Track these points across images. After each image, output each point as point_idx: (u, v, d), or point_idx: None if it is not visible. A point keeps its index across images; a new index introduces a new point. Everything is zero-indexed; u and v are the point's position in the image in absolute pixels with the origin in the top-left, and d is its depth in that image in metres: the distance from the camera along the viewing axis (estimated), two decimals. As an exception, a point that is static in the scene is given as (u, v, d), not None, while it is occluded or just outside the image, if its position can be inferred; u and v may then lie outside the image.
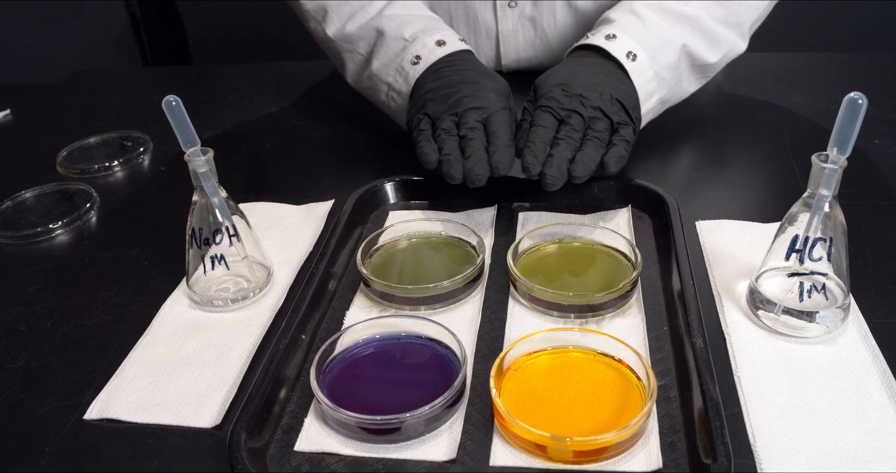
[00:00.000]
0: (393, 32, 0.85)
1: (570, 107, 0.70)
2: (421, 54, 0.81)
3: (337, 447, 0.50)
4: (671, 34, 0.81)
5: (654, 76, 0.79)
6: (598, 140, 0.69)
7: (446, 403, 0.50)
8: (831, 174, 0.52)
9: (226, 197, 0.63)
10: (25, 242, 0.76)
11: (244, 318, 0.63)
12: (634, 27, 0.80)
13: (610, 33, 0.79)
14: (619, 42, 0.78)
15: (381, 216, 0.76)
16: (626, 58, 0.77)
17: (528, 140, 0.68)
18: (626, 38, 0.78)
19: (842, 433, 0.49)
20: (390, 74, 0.84)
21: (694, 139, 0.90)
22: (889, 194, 0.74)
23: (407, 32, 0.84)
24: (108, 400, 0.55)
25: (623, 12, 0.82)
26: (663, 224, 0.69)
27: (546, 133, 0.69)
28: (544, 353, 0.55)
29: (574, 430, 0.48)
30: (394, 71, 0.83)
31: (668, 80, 0.81)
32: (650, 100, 0.79)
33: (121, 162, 0.91)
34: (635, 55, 0.77)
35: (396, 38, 0.85)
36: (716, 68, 0.88)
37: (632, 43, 0.78)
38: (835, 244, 0.55)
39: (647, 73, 0.78)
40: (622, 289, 0.60)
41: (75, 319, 0.64)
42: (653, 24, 0.81)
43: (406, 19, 0.87)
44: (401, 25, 0.86)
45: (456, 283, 0.61)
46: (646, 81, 0.78)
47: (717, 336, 0.58)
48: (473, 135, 0.70)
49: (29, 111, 1.12)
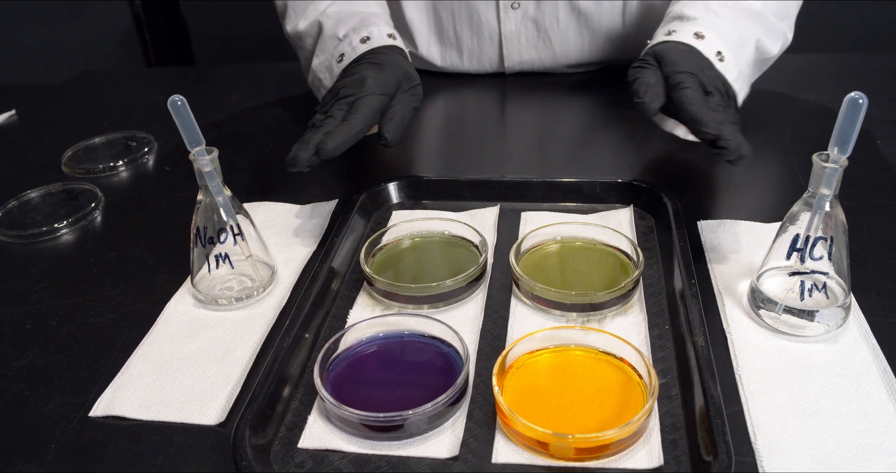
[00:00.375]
0: (329, 31, 0.88)
1: (711, 85, 0.72)
2: (345, 52, 0.83)
3: (340, 444, 0.50)
4: (746, 31, 0.81)
5: (739, 75, 0.79)
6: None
7: (449, 401, 0.50)
8: (832, 173, 0.52)
9: (230, 196, 0.63)
10: (31, 241, 0.77)
11: (248, 317, 0.63)
12: (717, 26, 0.79)
13: (698, 32, 0.77)
14: (708, 42, 0.77)
15: (385, 215, 0.76)
16: (715, 57, 0.76)
17: (711, 108, 0.68)
18: (713, 37, 0.77)
19: (842, 431, 0.49)
20: (323, 72, 0.87)
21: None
22: (891, 194, 0.75)
23: (341, 30, 0.86)
24: (113, 398, 0.55)
25: (699, 9, 0.81)
26: (665, 223, 0.69)
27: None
28: (546, 351, 0.55)
29: (576, 428, 0.49)
30: (325, 69, 0.86)
31: (748, 77, 0.82)
32: (739, 98, 0.79)
33: (125, 162, 0.91)
34: (723, 56, 0.77)
35: (332, 36, 0.87)
36: (772, 60, 0.89)
37: (719, 42, 0.77)
38: (835, 243, 0.55)
39: (733, 72, 0.77)
40: (624, 288, 0.60)
41: (80, 317, 0.65)
42: (728, 20, 0.80)
43: (344, 16, 0.88)
44: (337, 23, 0.88)
45: (458, 282, 0.62)
46: (734, 80, 0.77)
47: (719, 334, 0.58)
48: (325, 122, 0.73)
49: (34, 111, 1.13)
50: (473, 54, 1.06)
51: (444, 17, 1.04)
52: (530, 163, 0.88)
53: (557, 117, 1.00)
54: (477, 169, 0.86)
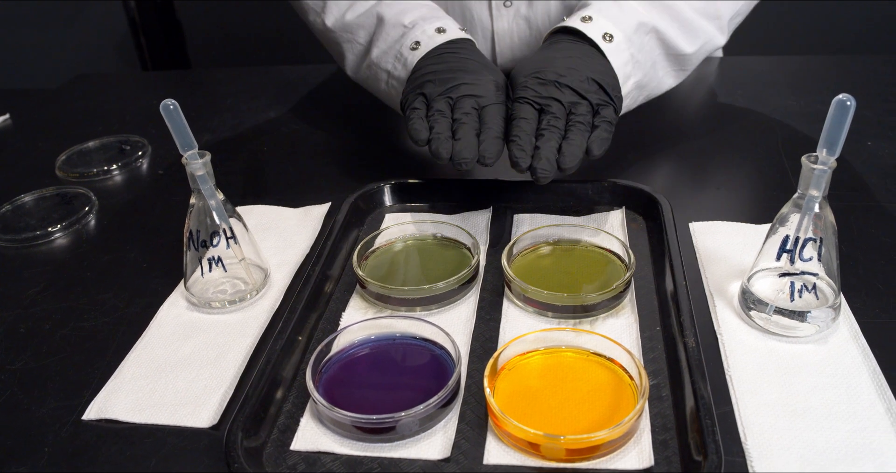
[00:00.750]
0: (392, 19, 0.85)
1: (547, 95, 0.70)
2: (420, 40, 0.80)
3: (333, 446, 0.50)
4: (647, 18, 0.81)
5: (631, 58, 0.78)
6: (581, 125, 0.68)
7: (440, 402, 0.50)
8: (821, 175, 0.53)
9: (223, 199, 0.63)
10: (25, 245, 0.77)
11: (241, 320, 0.63)
12: (611, 10, 0.80)
13: (586, 15, 0.78)
14: (596, 24, 0.77)
15: (378, 218, 0.76)
16: (602, 39, 0.76)
17: (513, 134, 0.67)
18: (602, 19, 0.78)
19: (832, 431, 0.50)
20: (389, 61, 0.84)
21: (687, 141, 0.90)
22: (880, 195, 0.75)
23: (406, 19, 0.84)
24: (107, 401, 0.55)
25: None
26: (657, 225, 0.69)
27: (528, 124, 0.68)
28: (538, 353, 0.55)
29: (567, 429, 0.49)
30: (392, 58, 0.83)
31: (643, 64, 0.81)
32: (627, 82, 0.78)
33: (119, 166, 0.91)
34: (612, 36, 0.77)
35: (396, 24, 0.84)
36: (693, 60, 0.88)
37: (608, 24, 0.77)
38: (825, 244, 0.55)
39: (623, 55, 0.77)
40: (615, 290, 0.60)
41: (74, 321, 0.65)
42: (629, 8, 0.80)
43: (406, 7, 0.86)
44: (400, 12, 0.85)
45: (451, 285, 0.62)
46: (623, 63, 0.77)
47: (710, 336, 0.58)
48: (467, 119, 0.69)
49: (29, 115, 1.13)
50: None
51: None
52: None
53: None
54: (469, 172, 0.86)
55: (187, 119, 0.60)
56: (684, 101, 1.02)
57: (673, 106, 0.99)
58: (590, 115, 0.69)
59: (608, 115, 0.70)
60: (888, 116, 0.91)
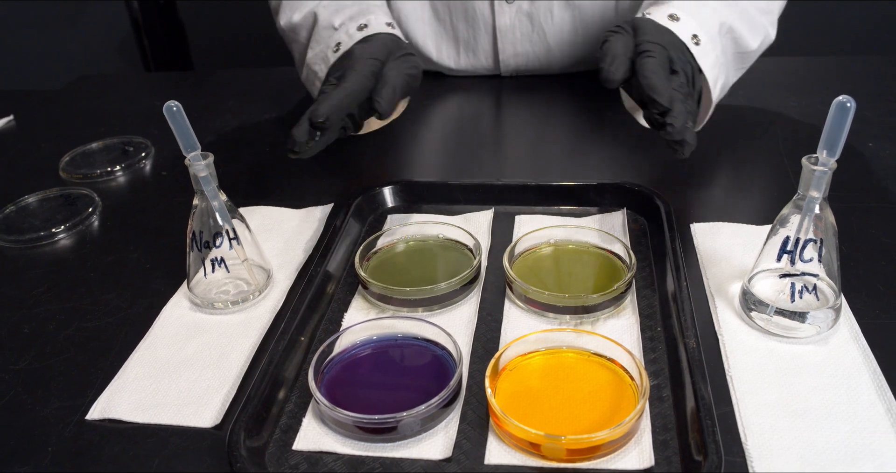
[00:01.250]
0: (325, 21, 0.85)
1: (680, 64, 0.70)
2: (342, 41, 0.80)
3: (334, 446, 0.51)
4: (725, 18, 0.79)
5: (716, 60, 0.77)
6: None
7: (442, 403, 0.51)
8: (821, 176, 0.53)
9: (226, 200, 0.63)
10: (29, 246, 0.77)
11: (244, 320, 0.64)
12: (692, 9, 0.77)
13: (673, 13, 0.75)
14: (683, 24, 0.75)
15: (380, 219, 0.77)
16: (691, 41, 0.74)
17: (670, 83, 0.66)
18: (689, 19, 0.75)
19: (832, 431, 0.50)
20: (318, 64, 0.84)
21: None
22: (882, 196, 0.75)
23: (337, 20, 0.84)
24: (110, 401, 0.56)
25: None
26: (658, 226, 0.70)
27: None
28: (539, 354, 0.55)
29: (568, 429, 0.49)
30: (320, 60, 0.83)
31: (725, 66, 0.79)
32: (717, 85, 0.77)
33: (123, 167, 0.92)
34: (699, 39, 0.75)
35: (327, 26, 0.84)
36: (754, 57, 0.87)
37: (695, 25, 0.75)
38: (825, 245, 0.56)
39: (710, 57, 0.75)
40: (617, 291, 0.60)
41: (77, 321, 0.65)
42: (708, 7, 0.78)
43: (340, 6, 0.86)
44: (333, 12, 0.85)
45: (453, 285, 0.62)
46: (711, 66, 0.75)
47: (711, 336, 0.58)
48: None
49: (32, 117, 1.13)
50: (469, 46, 1.07)
51: (441, 10, 1.04)
52: (525, 167, 0.88)
53: (552, 120, 1.01)
54: (472, 172, 0.86)
55: (190, 120, 0.60)
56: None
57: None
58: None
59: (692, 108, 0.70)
60: (889, 117, 0.92)
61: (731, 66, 0.84)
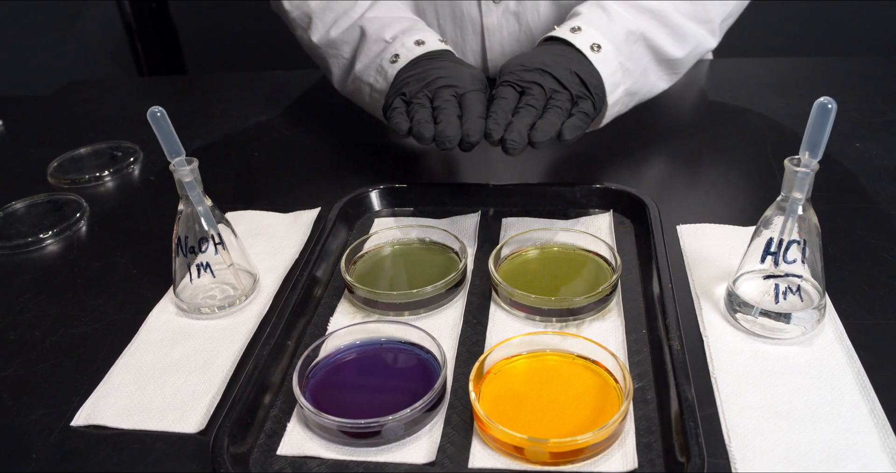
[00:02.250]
0: (374, 34, 0.86)
1: (530, 80, 0.71)
2: (400, 53, 0.81)
3: (319, 450, 0.51)
4: (635, 26, 0.82)
5: (620, 66, 0.79)
6: (558, 109, 0.69)
7: (426, 407, 0.51)
8: (803, 178, 0.53)
9: (211, 206, 0.63)
10: (16, 252, 0.77)
11: (230, 325, 0.64)
12: (600, 20, 0.80)
13: (575, 26, 0.79)
14: (584, 34, 0.78)
15: (367, 223, 0.77)
16: (590, 49, 0.77)
17: (490, 110, 0.68)
18: (591, 30, 0.79)
19: (816, 432, 0.50)
20: (371, 75, 0.85)
21: (676, 144, 0.91)
22: (867, 197, 0.75)
23: (388, 34, 0.85)
24: (95, 407, 0.56)
25: (590, 7, 0.83)
26: (644, 228, 0.70)
27: (507, 103, 0.69)
28: (523, 357, 0.55)
29: (552, 432, 0.49)
30: (374, 71, 0.84)
31: (633, 71, 0.81)
32: (617, 90, 0.79)
33: (111, 172, 0.92)
34: (600, 46, 0.77)
35: (377, 39, 0.86)
36: (684, 64, 0.89)
37: (596, 35, 0.78)
38: (809, 246, 0.56)
39: (612, 64, 0.78)
40: (602, 293, 0.60)
41: (64, 327, 0.65)
42: (618, 17, 0.81)
43: (387, 21, 0.87)
44: (382, 27, 0.87)
45: (438, 289, 0.62)
46: (611, 72, 0.78)
47: (696, 338, 0.58)
48: (446, 105, 0.70)
49: (21, 122, 1.13)
50: (457, 47, 1.07)
51: (428, 11, 1.05)
52: (512, 169, 0.88)
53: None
54: (459, 175, 0.87)
55: (179, 125, 0.60)
56: (673, 104, 1.02)
57: (662, 109, 1.00)
58: (569, 104, 0.70)
59: (586, 108, 0.71)
60: (876, 118, 0.92)
61: (653, 72, 0.86)
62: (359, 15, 0.90)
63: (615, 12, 0.82)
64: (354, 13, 0.90)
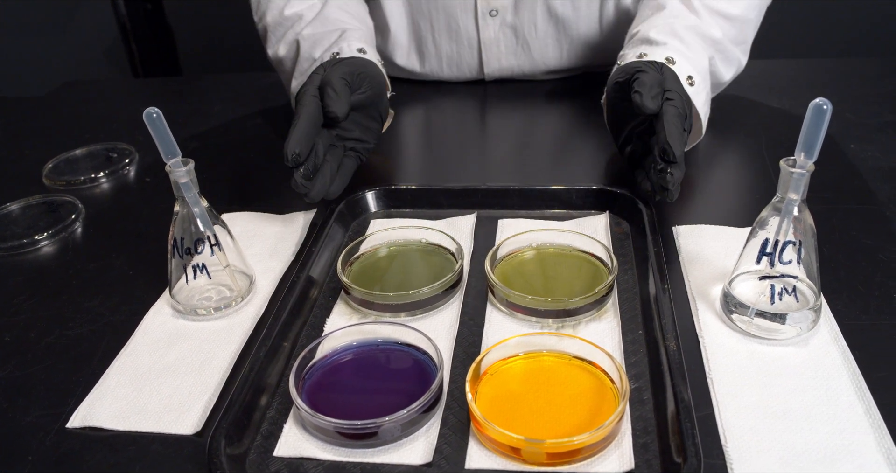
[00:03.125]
0: (305, 52, 0.89)
1: (684, 110, 0.71)
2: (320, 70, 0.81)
3: (315, 452, 0.51)
4: (708, 55, 0.82)
5: (706, 100, 0.79)
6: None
7: (422, 408, 0.51)
8: (798, 178, 0.53)
9: (207, 207, 0.63)
10: (11, 254, 0.77)
11: (226, 326, 0.64)
12: (685, 51, 0.79)
13: (669, 57, 0.76)
14: (680, 66, 0.76)
15: (363, 225, 0.77)
16: (686, 81, 0.75)
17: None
18: (684, 63, 0.77)
19: (811, 432, 0.50)
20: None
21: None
22: (863, 198, 0.76)
23: (317, 51, 0.87)
24: (91, 409, 0.56)
25: (666, 35, 0.80)
26: (640, 229, 0.70)
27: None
28: (520, 358, 0.55)
29: (549, 433, 0.49)
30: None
31: (708, 101, 0.81)
32: (705, 120, 0.79)
33: (106, 173, 0.91)
34: (693, 80, 0.76)
35: (308, 58, 0.88)
36: (724, 86, 0.92)
37: (689, 67, 0.77)
38: (804, 247, 0.56)
39: (701, 96, 0.77)
40: (598, 294, 0.60)
41: (59, 329, 0.65)
42: (697, 47, 0.81)
43: (319, 37, 0.89)
44: (313, 44, 0.89)
45: (435, 290, 0.62)
46: (702, 104, 0.77)
47: (692, 339, 0.59)
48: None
49: (17, 123, 1.13)
50: (453, 61, 1.08)
51: (423, 26, 1.05)
52: (508, 171, 0.89)
53: (535, 125, 1.01)
54: (456, 177, 0.87)
55: (175, 126, 0.60)
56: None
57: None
58: None
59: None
60: (872, 119, 0.92)
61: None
62: (298, 32, 0.92)
63: (689, 40, 0.80)
64: (298, 27, 0.92)
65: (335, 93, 0.73)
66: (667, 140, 0.66)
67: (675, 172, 0.66)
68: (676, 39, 0.80)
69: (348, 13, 0.96)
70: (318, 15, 0.93)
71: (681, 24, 0.82)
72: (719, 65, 0.86)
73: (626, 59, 0.79)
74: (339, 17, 0.94)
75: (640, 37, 0.82)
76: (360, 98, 0.78)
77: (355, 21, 0.95)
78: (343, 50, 0.84)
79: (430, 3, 1.03)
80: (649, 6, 0.87)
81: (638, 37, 0.82)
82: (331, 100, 0.72)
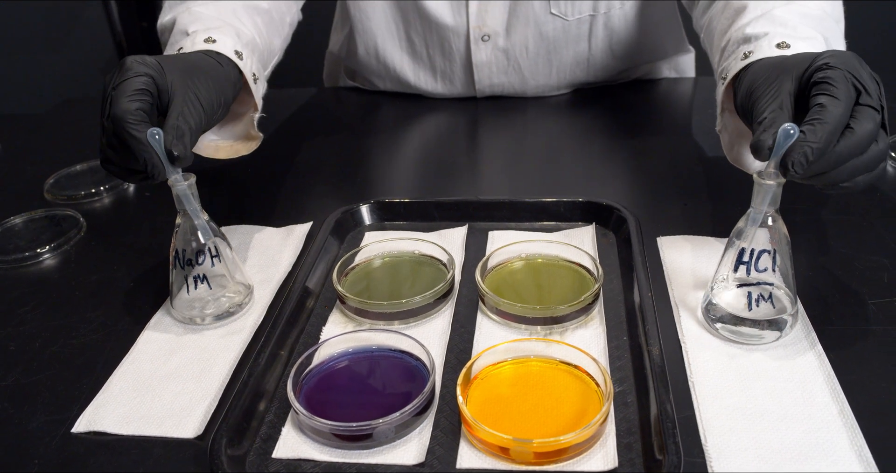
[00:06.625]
0: (181, 25, 0.80)
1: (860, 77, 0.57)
2: (184, 46, 0.75)
3: (312, 453, 0.53)
4: (824, 30, 0.71)
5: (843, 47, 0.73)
6: None
7: (415, 410, 0.53)
8: (767, 190, 0.56)
9: (207, 219, 0.66)
10: (14, 266, 0.79)
11: (225, 335, 0.66)
12: (793, 33, 0.68)
13: (780, 42, 0.66)
14: (795, 49, 0.66)
15: (358, 237, 0.79)
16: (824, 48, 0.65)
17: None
18: (799, 42, 0.66)
19: (788, 432, 0.52)
20: None
21: (656, 159, 0.93)
22: (839, 208, 0.78)
23: (192, 27, 0.78)
24: (95, 414, 0.57)
25: (762, 26, 0.70)
26: (625, 240, 0.72)
27: None
28: (509, 363, 0.58)
29: (536, 433, 0.51)
30: None
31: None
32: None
33: (107, 188, 0.94)
34: (829, 42, 0.70)
35: (182, 31, 0.79)
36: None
37: (805, 45, 0.66)
38: (780, 255, 0.58)
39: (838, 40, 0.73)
40: (584, 302, 0.63)
41: (63, 338, 0.67)
42: (803, 26, 0.70)
43: (204, 17, 0.80)
44: (194, 20, 0.79)
45: (427, 299, 0.65)
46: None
47: (674, 344, 0.61)
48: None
49: (18, 140, 1.15)
50: (446, 75, 1.10)
51: (417, 42, 1.08)
52: (499, 185, 0.91)
53: (525, 140, 1.04)
54: (448, 190, 0.89)
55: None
56: (655, 121, 1.05)
57: (643, 125, 1.03)
58: None
59: None
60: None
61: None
62: (190, 5, 0.82)
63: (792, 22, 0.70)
64: (191, 3, 0.83)
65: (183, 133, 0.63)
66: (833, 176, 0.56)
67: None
68: (776, 25, 0.69)
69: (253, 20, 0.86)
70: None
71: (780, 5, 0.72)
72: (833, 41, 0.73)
73: (729, 68, 0.68)
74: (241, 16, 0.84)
75: (732, 38, 0.72)
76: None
77: (251, 23, 0.85)
78: (220, 41, 0.75)
79: (423, 24, 1.06)
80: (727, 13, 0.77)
81: (730, 38, 0.73)
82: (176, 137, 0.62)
